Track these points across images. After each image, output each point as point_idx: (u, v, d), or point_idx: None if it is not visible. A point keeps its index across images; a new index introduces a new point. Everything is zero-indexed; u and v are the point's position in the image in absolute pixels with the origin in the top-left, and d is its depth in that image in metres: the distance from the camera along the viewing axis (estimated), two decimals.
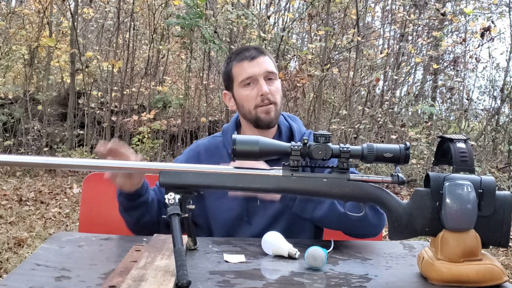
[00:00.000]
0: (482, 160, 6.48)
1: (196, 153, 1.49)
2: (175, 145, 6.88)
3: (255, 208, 1.41)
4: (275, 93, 1.43)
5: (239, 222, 1.41)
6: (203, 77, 7.36)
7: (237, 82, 1.45)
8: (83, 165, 1.15)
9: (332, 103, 7.59)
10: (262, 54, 1.45)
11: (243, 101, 1.45)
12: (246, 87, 1.43)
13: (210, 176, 1.05)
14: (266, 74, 1.43)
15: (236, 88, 1.46)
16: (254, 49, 1.46)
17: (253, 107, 1.42)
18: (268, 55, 1.48)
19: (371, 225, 1.33)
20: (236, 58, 1.46)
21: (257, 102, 1.42)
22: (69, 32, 7.04)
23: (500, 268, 1.00)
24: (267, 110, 1.42)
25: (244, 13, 6.22)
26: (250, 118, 1.45)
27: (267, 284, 0.98)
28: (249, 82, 1.43)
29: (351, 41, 6.63)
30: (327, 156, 1.03)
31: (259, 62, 1.43)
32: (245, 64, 1.43)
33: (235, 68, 1.46)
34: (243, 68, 1.43)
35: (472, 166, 1.01)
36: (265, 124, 1.43)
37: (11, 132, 6.69)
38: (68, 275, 0.98)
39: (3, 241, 3.54)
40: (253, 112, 1.43)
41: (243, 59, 1.44)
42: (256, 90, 1.42)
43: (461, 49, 7.86)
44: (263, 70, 1.43)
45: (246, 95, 1.43)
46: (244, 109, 1.45)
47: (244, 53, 1.45)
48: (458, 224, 0.99)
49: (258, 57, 1.44)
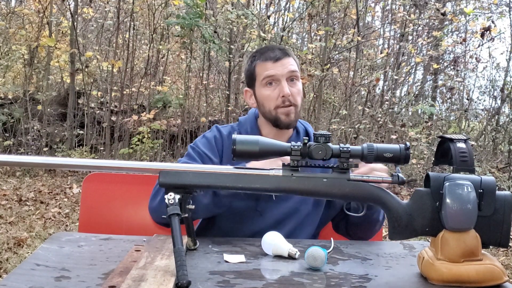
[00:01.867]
0: (482, 160, 6.48)
1: (220, 135, 1.48)
2: (175, 145, 6.88)
3: (268, 201, 1.41)
4: (296, 95, 1.44)
5: (250, 213, 1.41)
6: (203, 77, 7.36)
7: (259, 80, 1.46)
8: (83, 165, 1.15)
9: (332, 103, 7.59)
10: (287, 55, 1.46)
11: (264, 100, 1.45)
12: (268, 86, 1.44)
13: (210, 176, 1.05)
14: (289, 75, 1.44)
15: (258, 86, 1.47)
16: (279, 50, 1.47)
17: (274, 107, 1.43)
18: (293, 56, 1.49)
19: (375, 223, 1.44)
20: (261, 57, 1.47)
21: (278, 103, 1.43)
22: (69, 32, 7.03)
23: (500, 268, 1.00)
24: (287, 112, 1.43)
25: (244, 13, 6.21)
26: (270, 118, 1.45)
27: (267, 284, 0.98)
28: (271, 82, 1.44)
29: (351, 41, 6.63)
30: (327, 156, 1.03)
31: (283, 63, 1.44)
32: (269, 64, 1.44)
33: (258, 67, 1.47)
34: (267, 68, 1.44)
35: (472, 166, 1.01)
36: (284, 125, 1.44)
37: (11, 132, 6.69)
38: (68, 275, 0.98)
39: (3, 241, 3.54)
40: (273, 112, 1.44)
41: (267, 59, 1.45)
42: (278, 90, 1.43)
43: (461, 49, 7.86)
44: (286, 71, 1.43)
45: (268, 95, 1.44)
46: (265, 108, 1.45)
47: (269, 53, 1.46)
48: (458, 224, 0.99)
49: (282, 58, 1.45)
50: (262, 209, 1.41)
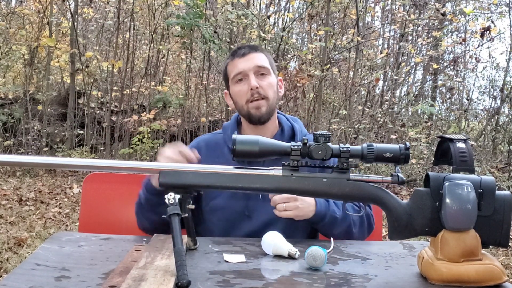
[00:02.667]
0: (482, 160, 6.48)
1: (197, 148, 1.49)
2: None
3: (256, 203, 1.41)
4: (266, 88, 1.44)
5: (239, 216, 1.42)
6: (203, 77, 7.36)
7: (231, 79, 1.48)
8: (83, 165, 1.15)
9: (332, 103, 7.59)
10: (255, 50, 1.48)
11: (236, 97, 1.47)
12: (238, 83, 1.46)
13: (210, 176, 1.05)
14: (257, 69, 1.45)
15: (231, 85, 1.49)
16: (248, 47, 1.49)
17: (245, 102, 1.44)
18: (263, 52, 1.50)
19: (363, 233, 1.44)
20: (230, 56, 1.50)
21: (248, 97, 1.44)
22: (69, 32, 7.03)
23: (500, 268, 1.00)
24: (258, 106, 1.43)
25: (244, 13, 6.21)
26: (243, 114, 1.47)
27: (267, 284, 0.98)
28: (241, 78, 1.45)
29: (351, 41, 6.63)
30: (327, 156, 1.03)
31: (250, 58, 1.45)
32: (237, 60, 1.46)
33: (229, 66, 1.49)
34: (235, 64, 1.46)
35: (472, 166, 1.01)
36: (256, 120, 1.45)
37: (11, 132, 6.69)
38: (68, 275, 0.98)
39: (3, 241, 3.54)
40: (245, 107, 1.45)
41: (236, 56, 1.47)
42: (247, 85, 1.44)
43: (461, 49, 7.86)
44: (253, 65, 1.44)
45: (238, 90, 1.46)
46: (238, 105, 1.47)
47: (238, 51, 1.49)
48: (458, 224, 0.99)
49: (249, 53, 1.46)
50: (250, 212, 1.41)
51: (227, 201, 1.42)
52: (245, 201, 1.41)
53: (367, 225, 1.45)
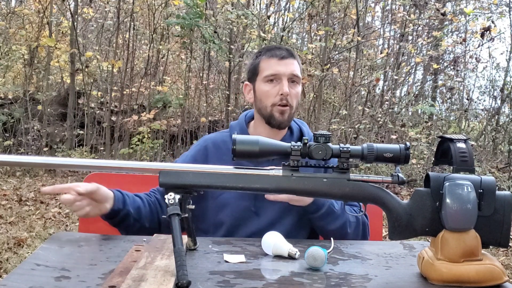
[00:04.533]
0: (482, 160, 6.48)
1: (204, 147, 1.50)
2: (175, 145, 6.88)
3: (263, 201, 1.41)
4: (294, 97, 1.46)
5: (247, 213, 1.42)
6: (203, 77, 7.36)
7: (262, 76, 1.47)
8: (83, 165, 1.15)
9: (332, 103, 7.59)
10: (292, 57, 1.48)
11: (262, 96, 1.47)
12: (269, 83, 1.46)
13: (210, 176, 1.05)
14: (291, 77, 1.45)
15: (259, 81, 1.48)
16: (286, 50, 1.49)
17: (270, 104, 1.45)
18: (298, 60, 1.50)
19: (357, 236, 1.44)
20: (267, 53, 1.49)
21: (275, 100, 1.44)
22: (69, 32, 7.03)
23: (500, 268, 1.00)
24: (282, 111, 1.44)
25: (244, 13, 6.21)
26: (265, 114, 1.47)
27: (267, 284, 0.98)
28: (273, 79, 1.45)
29: (351, 41, 6.63)
30: (327, 156, 1.03)
31: (287, 63, 1.46)
32: (274, 61, 1.46)
33: (263, 62, 1.48)
34: (271, 64, 1.46)
35: (472, 166, 1.01)
36: (276, 124, 1.46)
37: (11, 132, 6.69)
38: (68, 275, 0.98)
39: (3, 241, 3.54)
40: (269, 109, 1.45)
41: (273, 56, 1.47)
42: (278, 88, 1.44)
43: (461, 49, 7.86)
44: (289, 72, 1.45)
45: (267, 90, 1.45)
46: (262, 103, 1.47)
47: (276, 51, 1.48)
48: (458, 224, 0.99)
49: (287, 58, 1.46)
50: (257, 209, 1.42)
51: (235, 198, 1.43)
52: (253, 198, 1.42)
53: (361, 231, 1.45)
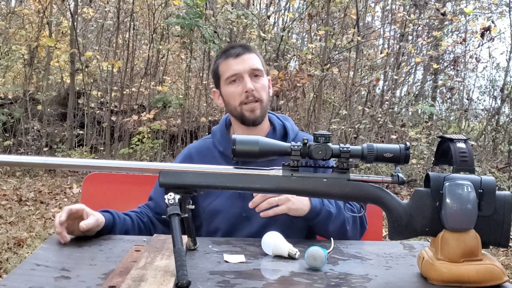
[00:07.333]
0: (482, 160, 6.47)
1: (188, 156, 1.50)
2: (175, 145, 6.88)
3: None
4: (260, 90, 1.45)
5: (238, 218, 1.42)
6: (203, 77, 7.36)
7: (223, 79, 1.47)
8: (83, 165, 1.15)
9: (332, 103, 7.59)
10: (248, 51, 1.47)
11: (229, 98, 1.46)
12: (232, 84, 1.45)
13: (210, 176, 1.05)
14: (251, 71, 1.45)
15: (223, 85, 1.48)
16: (240, 47, 1.48)
17: (238, 104, 1.44)
18: (255, 52, 1.49)
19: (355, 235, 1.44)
20: (222, 55, 1.48)
21: (242, 98, 1.43)
22: (69, 32, 7.03)
23: (500, 268, 1.00)
24: (252, 108, 1.43)
25: (244, 13, 6.21)
26: (236, 115, 1.47)
27: (267, 284, 0.98)
28: (235, 79, 1.45)
29: (351, 41, 6.63)
30: (327, 156, 1.03)
31: (244, 59, 1.45)
32: (231, 61, 1.45)
33: (221, 65, 1.48)
34: (229, 65, 1.45)
35: (472, 166, 1.01)
36: (249, 122, 1.45)
37: (11, 132, 6.69)
38: (68, 275, 0.98)
39: (3, 241, 3.54)
40: (238, 109, 1.45)
41: (228, 57, 1.46)
42: (241, 87, 1.44)
43: (461, 49, 7.86)
44: (248, 67, 1.44)
45: (232, 91, 1.45)
46: (231, 105, 1.47)
47: (230, 50, 1.47)
48: (458, 224, 0.99)
49: (243, 54, 1.45)
50: (249, 213, 1.41)
51: (225, 203, 1.42)
52: (242, 203, 1.41)
53: (359, 224, 1.44)
